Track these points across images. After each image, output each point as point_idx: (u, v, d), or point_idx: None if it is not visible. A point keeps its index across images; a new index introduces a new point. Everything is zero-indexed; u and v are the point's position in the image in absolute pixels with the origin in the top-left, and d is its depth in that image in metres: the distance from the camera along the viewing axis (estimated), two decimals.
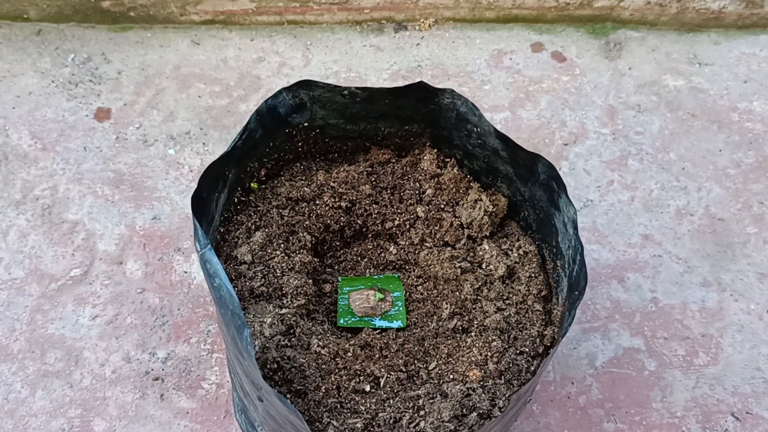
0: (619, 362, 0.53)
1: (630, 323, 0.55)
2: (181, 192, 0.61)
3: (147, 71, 0.68)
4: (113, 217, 0.59)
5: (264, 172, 0.53)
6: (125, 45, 0.70)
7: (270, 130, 0.50)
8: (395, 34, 0.72)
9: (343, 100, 0.51)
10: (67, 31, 0.70)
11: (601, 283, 0.57)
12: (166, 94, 0.66)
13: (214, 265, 0.40)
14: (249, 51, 0.70)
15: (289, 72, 0.69)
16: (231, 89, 0.67)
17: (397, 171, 0.55)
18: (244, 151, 0.49)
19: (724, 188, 0.63)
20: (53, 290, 0.55)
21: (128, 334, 0.54)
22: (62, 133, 0.63)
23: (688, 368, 0.53)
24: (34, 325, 0.54)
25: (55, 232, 0.58)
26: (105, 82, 0.67)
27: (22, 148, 0.62)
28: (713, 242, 0.60)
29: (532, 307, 0.49)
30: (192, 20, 0.71)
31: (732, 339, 0.54)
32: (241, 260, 0.49)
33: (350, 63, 0.70)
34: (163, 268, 0.57)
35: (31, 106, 0.65)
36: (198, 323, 0.55)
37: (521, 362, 0.46)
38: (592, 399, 0.51)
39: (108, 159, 0.62)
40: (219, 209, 0.49)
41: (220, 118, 0.65)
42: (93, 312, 0.55)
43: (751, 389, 0.52)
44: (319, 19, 0.71)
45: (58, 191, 0.60)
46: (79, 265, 0.57)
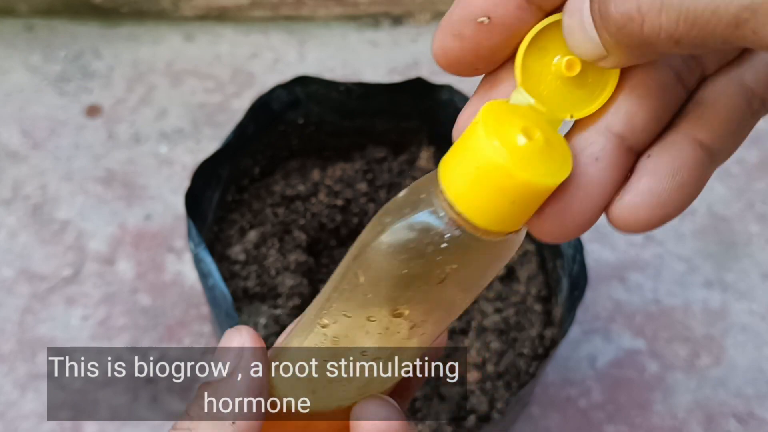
0: (620, 364, 0.53)
1: (631, 324, 0.55)
2: (173, 190, 0.60)
3: (139, 67, 0.67)
4: (104, 215, 0.58)
5: (258, 169, 0.52)
6: (117, 41, 0.69)
7: (264, 127, 0.50)
8: (392, 29, 0.71)
9: (338, 96, 0.50)
10: (57, 26, 0.69)
11: (601, 283, 0.57)
12: (159, 91, 0.66)
13: (208, 264, 0.39)
14: (243, 47, 0.69)
15: (283, 68, 0.68)
16: (224, 85, 0.67)
17: (394, 168, 0.55)
18: (237, 148, 0.48)
19: (727, 187, 0.63)
20: (43, 290, 0.55)
21: (120, 335, 0.54)
22: (53, 131, 0.63)
23: (690, 370, 0.53)
24: (24, 326, 0.53)
25: (45, 231, 0.57)
26: (96, 79, 0.66)
27: (11, 146, 0.62)
28: (715, 242, 0.60)
29: (532, 307, 0.49)
30: (185, 15, 0.70)
31: (734, 340, 0.54)
32: (234, 260, 0.49)
33: (346, 58, 0.69)
34: (155, 268, 0.56)
35: (21, 102, 0.64)
36: (191, 324, 0.55)
37: (520, 364, 0.46)
38: (593, 401, 0.51)
39: (99, 157, 0.62)
40: (212, 208, 0.49)
41: (214, 115, 0.65)
42: (84, 313, 0.54)
43: (753, 391, 0.52)
44: (314, 15, 0.71)
45: (49, 189, 0.60)
46: (70, 264, 0.56)
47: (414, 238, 0.18)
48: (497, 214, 0.18)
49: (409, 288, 0.19)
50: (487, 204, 0.17)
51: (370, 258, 0.20)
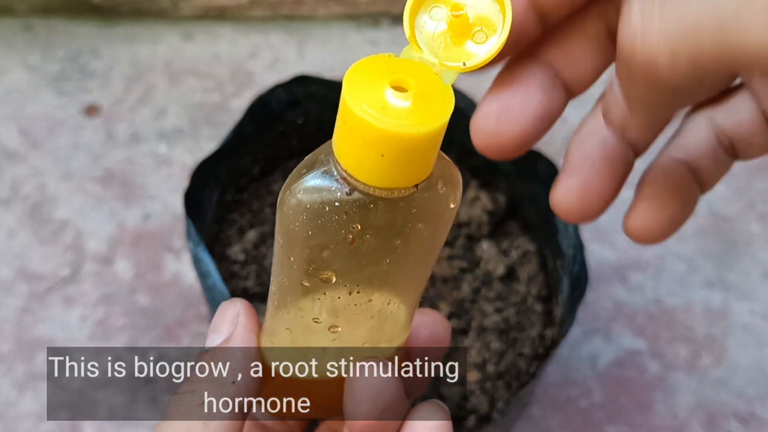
0: (621, 364, 0.53)
1: (632, 324, 0.55)
2: (172, 190, 0.60)
3: (138, 67, 0.67)
4: (103, 215, 0.58)
5: (257, 169, 0.52)
6: (116, 40, 0.69)
7: (263, 127, 0.50)
8: (392, 29, 0.71)
9: (338, 96, 0.50)
10: (56, 26, 0.69)
11: (602, 283, 0.57)
12: (158, 90, 0.66)
13: (207, 264, 0.39)
14: (242, 46, 0.69)
15: (283, 67, 0.68)
16: (224, 85, 0.66)
17: None
18: (236, 147, 0.48)
19: (728, 186, 0.63)
20: (42, 290, 0.55)
21: (119, 335, 0.54)
22: (51, 130, 0.62)
23: (691, 370, 0.53)
24: (22, 326, 0.53)
25: (43, 231, 0.57)
26: (95, 78, 0.66)
27: (9, 145, 0.62)
28: (717, 241, 0.60)
29: (532, 307, 0.49)
30: (184, 15, 0.70)
31: (736, 340, 0.54)
32: (234, 259, 0.49)
33: (346, 58, 0.69)
34: (154, 268, 0.56)
35: (19, 102, 0.64)
36: (190, 324, 0.54)
37: (521, 364, 0.46)
38: (594, 401, 0.51)
39: (98, 156, 0.62)
40: (211, 207, 0.49)
41: (213, 115, 0.65)
42: (83, 312, 0.54)
43: (755, 391, 0.52)
44: (314, 14, 0.71)
45: (47, 189, 0.59)
46: (69, 264, 0.56)
47: (310, 198, 0.18)
48: (375, 169, 0.17)
49: (322, 250, 0.19)
50: (362, 159, 0.17)
51: (280, 221, 0.20)
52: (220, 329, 0.23)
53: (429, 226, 0.19)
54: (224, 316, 0.23)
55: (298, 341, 0.22)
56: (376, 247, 0.19)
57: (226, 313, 0.23)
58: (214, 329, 0.23)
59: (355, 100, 0.17)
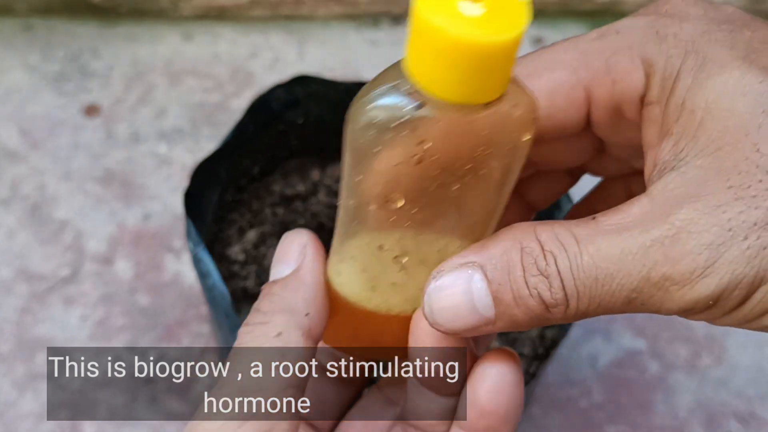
0: (621, 364, 0.53)
1: (632, 324, 0.55)
2: (172, 190, 0.60)
3: (138, 67, 0.67)
4: (103, 215, 0.58)
5: (257, 169, 0.52)
6: (115, 40, 0.69)
7: (263, 127, 0.50)
8: (392, 29, 0.71)
9: (338, 96, 0.50)
10: (56, 26, 0.69)
11: None
12: (158, 90, 0.66)
13: (207, 264, 0.39)
14: (242, 46, 0.69)
15: (283, 67, 0.68)
16: (224, 85, 0.66)
17: None
18: (236, 147, 0.48)
19: None
20: (42, 290, 0.55)
21: (119, 335, 0.54)
22: (51, 130, 0.62)
23: (691, 370, 0.53)
24: (22, 326, 0.53)
25: (43, 231, 0.57)
26: (95, 78, 0.66)
27: (10, 146, 0.62)
28: None
29: None
30: (184, 15, 0.70)
31: (735, 340, 0.54)
32: (234, 259, 0.49)
33: (346, 58, 0.69)
34: (154, 268, 0.56)
35: (19, 102, 0.64)
36: (190, 324, 0.54)
37: (521, 364, 0.46)
38: (594, 401, 0.51)
39: (98, 156, 0.62)
40: (211, 207, 0.49)
41: (213, 115, 0.65)
42: (83, 312, 0.54)
43: (755, 391, 0.52)
44: (314, 14, 0.71)
45: (47, 189, 0.59)
46: (69, 264, 0.56)
47: (377, 113, 0.18)
48: (446, 82, 0.17)
49: (389, 169, 0.19)
50: (433, 70, 0.17)
51: (347, 138, 0.20)
52: (287, 260, 0.22)
53: (500, 154, 0.19)
54: (291, 247, 0.22)
55: (365, 270, 0.22)
56: (444, 170, 0.19)
57: (293, 244, 0.22)
58: (281, 259, 0.22)
59: (428, 8, 0.16)
